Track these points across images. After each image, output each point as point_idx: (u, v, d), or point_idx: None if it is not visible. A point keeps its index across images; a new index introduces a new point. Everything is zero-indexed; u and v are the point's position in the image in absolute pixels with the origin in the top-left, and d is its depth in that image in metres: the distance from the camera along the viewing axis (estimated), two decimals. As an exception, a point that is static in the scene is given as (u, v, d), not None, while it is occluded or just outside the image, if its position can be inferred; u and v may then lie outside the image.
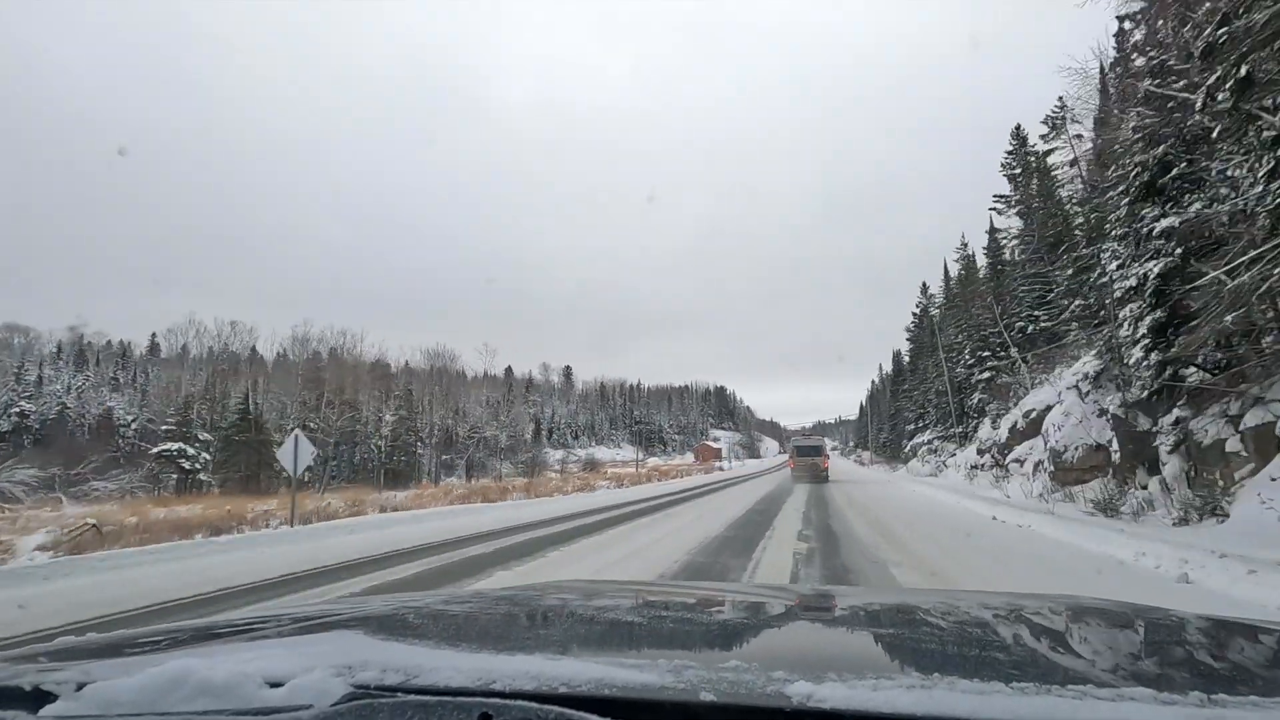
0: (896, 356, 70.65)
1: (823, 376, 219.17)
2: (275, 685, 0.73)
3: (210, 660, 0.78)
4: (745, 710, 0.71)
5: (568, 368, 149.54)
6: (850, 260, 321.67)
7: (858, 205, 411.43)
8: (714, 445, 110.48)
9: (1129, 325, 11.63)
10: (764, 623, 1.49)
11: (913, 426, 43.02)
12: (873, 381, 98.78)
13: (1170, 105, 10.74)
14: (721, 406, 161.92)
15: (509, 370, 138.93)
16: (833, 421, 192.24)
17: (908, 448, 41.37)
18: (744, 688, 0.74)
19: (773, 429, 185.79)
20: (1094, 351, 15.62)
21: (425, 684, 0.75)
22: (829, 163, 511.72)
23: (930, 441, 33.09)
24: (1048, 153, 24.34)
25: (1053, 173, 24.35)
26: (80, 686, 0.74)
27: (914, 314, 47.64)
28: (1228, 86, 7.87)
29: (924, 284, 46.81)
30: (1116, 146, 12.66)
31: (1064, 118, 22.37)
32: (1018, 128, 28.94)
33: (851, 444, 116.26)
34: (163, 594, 6.42)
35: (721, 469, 67.50)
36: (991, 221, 30.11)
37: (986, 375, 25.10)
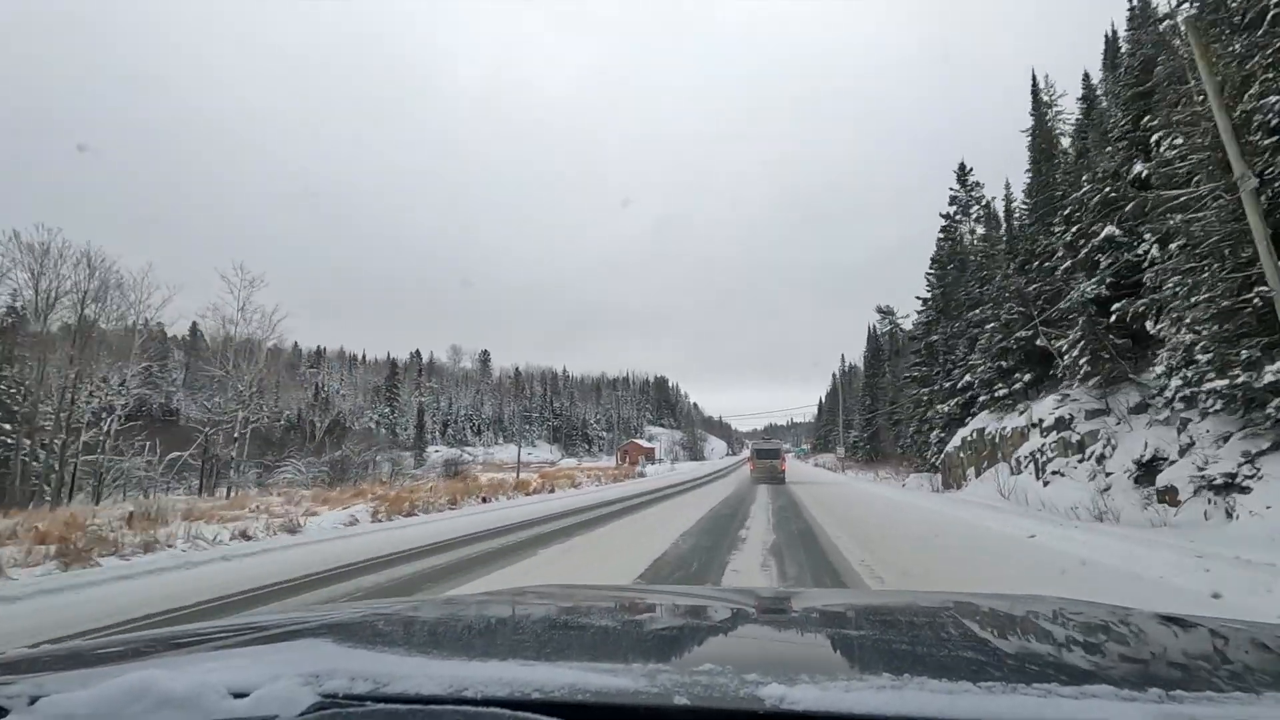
0: (872, 334, 52.35)
1: (775, 380, 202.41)
2: (240, 695, 0.69)
3: (172, 671, 0.73)
4: (719, 714, 0.70)
5: (485, 352, 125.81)
6: (806, 266, 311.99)
7: (816, 212, 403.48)
8: (645, 444, 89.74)
9: None
10: (737, 625, 1.44)
11: (953, 402, 23.41)
12: (834, 375, 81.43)
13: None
14: (662, 400, 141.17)
15: (417, 352, 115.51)
16: (785, 424, 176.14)
17: (953, 443, 21.69)
18: (717, 691, 0.73)
19: (722, 429, 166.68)
20: None
21: (395, 692, 0.72)
22: (788, 169, 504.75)
23: (1069, 418, 13.33)
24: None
25: None
26: (33, 700, 0.69)
27: (944, 216, 28.08)
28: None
29: (961, 164, 27.58)
30: None
31: None
32: None
33: (807, 446, 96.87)
34: None
35: (642, 474, 47.20)
36: None
37: None
